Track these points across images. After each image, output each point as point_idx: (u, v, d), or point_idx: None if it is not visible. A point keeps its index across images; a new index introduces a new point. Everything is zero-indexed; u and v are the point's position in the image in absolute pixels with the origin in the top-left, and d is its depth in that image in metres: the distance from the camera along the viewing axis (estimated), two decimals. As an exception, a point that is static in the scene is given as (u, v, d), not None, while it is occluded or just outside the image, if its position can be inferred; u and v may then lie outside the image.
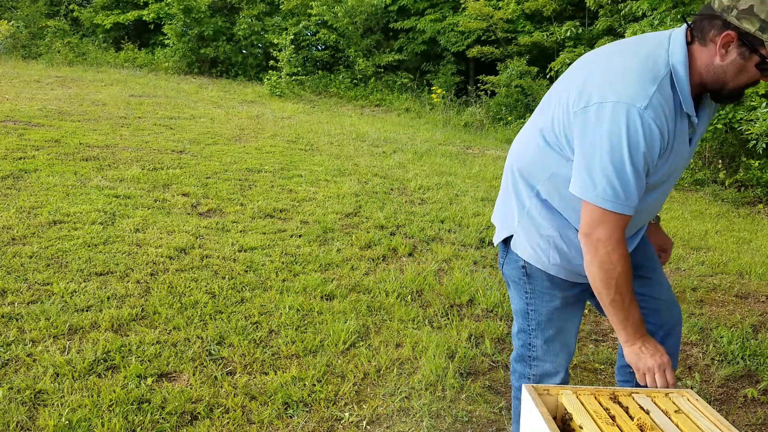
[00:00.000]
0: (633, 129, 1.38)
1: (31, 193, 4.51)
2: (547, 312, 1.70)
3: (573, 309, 1.73)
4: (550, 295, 1.69)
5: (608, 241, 1.45)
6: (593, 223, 1.46)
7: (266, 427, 2.17)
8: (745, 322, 3.33)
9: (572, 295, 1.71)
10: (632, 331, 1.53)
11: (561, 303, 1.70)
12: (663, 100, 1.40)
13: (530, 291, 1.71)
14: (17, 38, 15.54)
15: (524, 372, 1.79)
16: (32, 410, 2.13)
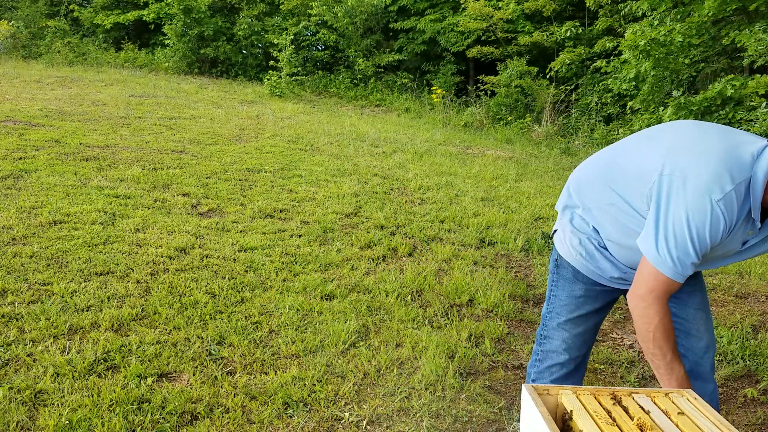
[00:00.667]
0: (711, 214, 1.48)
1: (32, 193, 4.51)
2: (565, 297, 1.85)
3: (593, 302, 1.84)
4: (572, 284, 1.84)
5: (648, 295, 1.57)
6: (644, 281, 1.58)
7: (266, 427, 2.17)
8: (745, 322, 3.33)
9: (595, 289, 1.82)
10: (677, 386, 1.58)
11: (581, 293, 1.83)
12: (735, 200, 1.49)
13: (556, 279, 1.88)
14: (17, 38, 15.54)
15: (535, 349, 1.95)
16: (32, 410, 2.13)
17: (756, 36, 6.13)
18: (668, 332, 1.58)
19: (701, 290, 1.91)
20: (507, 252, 4.30)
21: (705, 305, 1.91)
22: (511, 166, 7.54)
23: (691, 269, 1.55)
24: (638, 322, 1.60)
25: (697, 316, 1.88)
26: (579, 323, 1.87)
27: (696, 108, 6.57)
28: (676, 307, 1.87)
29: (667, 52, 7.15)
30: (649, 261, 1.56)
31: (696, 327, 1.88)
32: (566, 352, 1.89)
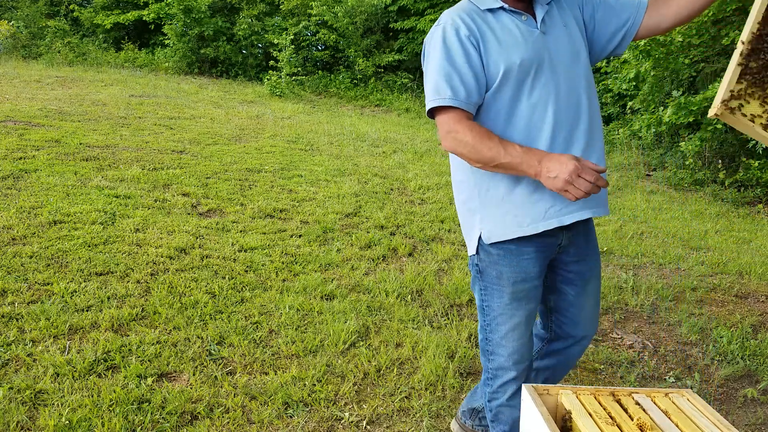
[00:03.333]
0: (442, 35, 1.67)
1: (32, 193, 4.51)
2: (498, 307, 1.76)
3: (523, 304, 1.76)
4: (498, 291, 1.75)
5: (449, 134, 1.62)
6: (439, 130, 1.65)
7: (266, 427, 2.17)
8: (745, 321, 3.33)
9: (520, 290, 1.74)
10: (529, 162, 1.54)
11: (509, 298, 1.74)
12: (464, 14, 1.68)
13: (483, 288, 1.79)
14: (17, 38, 15.54)
15: (485, 365, 1.86)
16: (32, 410, 2.13)
17: (756, 36, 6.12)
18: (484, 134, 1.58)
19: (598, 279, 1.92)
20: (507, 252, 4.29)
21: (598, 294, 1.93)
22: (511, 166, 7.53)
23: (463, 90, 1.61)
24: (461, 150, 1.61)
25: (589, 305, 1.90)
26: (519, 331, 1.78)
27: (696, 108, 6.57)
28: (573, 296, 1.87)
29: (667, 52, 7.15)
30: (428, 108, 1.66)
31: (585, 316, 1.90)
32: (513, 363, 1.80)
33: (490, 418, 1.87)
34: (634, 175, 7.58)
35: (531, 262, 1.73)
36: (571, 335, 1.92)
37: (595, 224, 5.15)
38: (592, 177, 1.47)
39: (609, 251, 4.45)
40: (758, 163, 6.53)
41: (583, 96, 1.73)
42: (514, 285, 1.74)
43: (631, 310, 3.46)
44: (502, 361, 1.79)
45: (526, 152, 1.54)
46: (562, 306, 1.89)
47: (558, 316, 1.91)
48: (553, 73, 1.69)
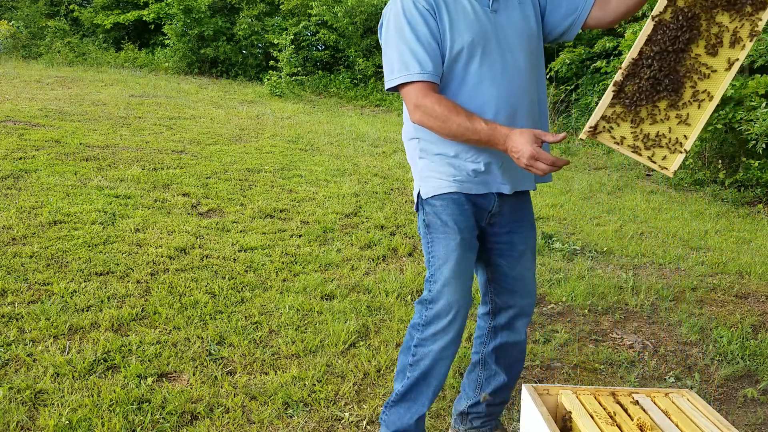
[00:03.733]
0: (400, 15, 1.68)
1: (32, 193, 4.51)
2: (443, 254, 1.80)
3: (465, 251, 1.81)
4: (444, 237, 1.79)
5: (417, 107, 1.66)
6: (407, 104, 1.70)
7: (266, 427, 2.17)
8: (745, 322, 3.33)
9: (463, 239, 1.79)
10: (496, 140, 1.62)
11: (455, 244, 1.79)
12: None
13: (430, 240, 1.83)
14: (17, 38, 15.54)
15: (421, 313, 1.87)
16: (32, 410, 2.13)
17: (756, 36, 6.12)
18: (452, 108, 1.63)
19: (532, 251, 1.97)
20: (507, 252, 4.29)
21: (533, 265, 1.99)
22: (511, 166, 7.53)
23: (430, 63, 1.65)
24: (430, 123, 1.66)
25: (526, 276, 1.96)
26: (463, 275, 1.82)
27: (696, 108, 6.56)
28: (508, 267, 1.93)
29: (667, 52, 7.13)
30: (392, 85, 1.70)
31: (522, 286, 1.96)
32: (453, 305, 1.82)
33: (409, 362, 1.88)
34: (634, 175, 7.58)
35: (468, 213, 1.81)
36: (510, 304, 1.97)
37: (596, 224, 5.15)
38: (548, 159, 1.55)
39: (609, 251, 4.45)
40: (758, 163, 6.52)
41: (530, 78, 1.78)
42: (460, 232, 1.79)
43: (631, 310, 3.46)
44: (440, 309, 1.82)
45: (492, 130, 1.61)
46: (498, 277, 1.95)
47: (495, 287, 1.98)
48: (500, 54, 1.72)
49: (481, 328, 2.07)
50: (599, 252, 4.41)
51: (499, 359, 2.04)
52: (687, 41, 1.56)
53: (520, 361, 2.07)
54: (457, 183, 1.78)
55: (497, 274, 1.96)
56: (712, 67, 1.57)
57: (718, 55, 1.57)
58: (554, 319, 3.27)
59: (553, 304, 3.45)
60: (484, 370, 2.07)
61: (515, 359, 2.05)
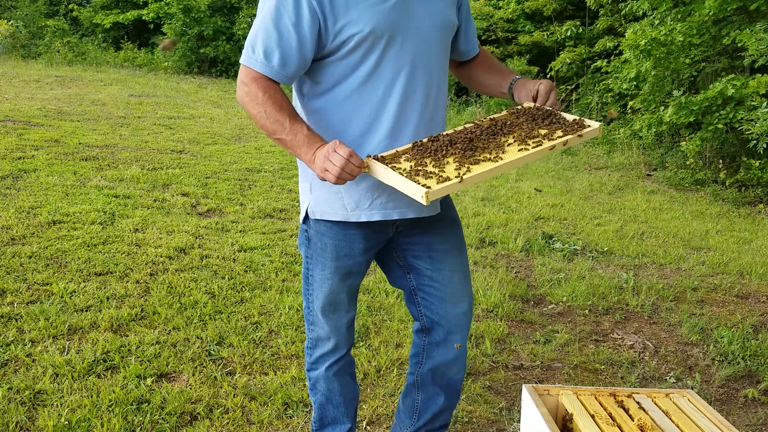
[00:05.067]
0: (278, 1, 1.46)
1: (31, 193, 4.50)
2: (320, 279, 1.68)
3: (344, 280, 1.67)
4: (322, 263, 1.66)
5: (243, 83, 1.49)
6: (239, 75, 1.52)
7: (266, 427, 2.16)
8: (746, 322, 3.32)
9: (343, 266, 1.65)
10: (307, 148, 1.44)
11: (330, 272, 1.65)
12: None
13: (309, 256, 1.69)
14: (17, 38, 15.54)
15: (306, 333, 1.80)
16: (32, 410, 2.13)
17: (757, 35, 6.12)
18: (278, 102, 1.46)
19: (459, 249, 1.76)
20: (507, 252, 4.29)
21: (463, 265, 1.76)
22: (511, 165, 7.52)
23: (276, 57, 1.45)
24: (249, 107, 1.48)
25: (454, 278, 1.73)
26: (339, 304, 1.70)
27: (697, 108, 6.56)
28: (431, 270, 1.71)
29: (668, 51, 7.14)
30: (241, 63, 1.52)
31: (452, 291, 1.73)
32: (333, 334, 1.73)
33: (309, 386, 1.84)
34: (634, 175, 7.57)
35: (358, 238, 1.63)
36: (442, 315, 1.74)
37: (597, 224, 5.14)
38: (344, 152, 1.37)
39: (610, 251, 4.44)
40: (759, 163, 6.52)
41: (439, 76, 1.61)
42: (338, 260, 1.64)
43: (631, 311, 3.45)
44: (321, 333, 1.73)
45: (310, 138, 1.44)
46: (423, 284, 1.74)
47: (423, 296, 1.75)
48: (408, 46, 1.51)
49: (416, 346, 1.85)
50: (600, 252, 4.41)
51: (436, 379, 1.82)
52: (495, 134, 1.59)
53: (460, 379, 1.85)
54: (344, 211, 1.59)
55: (421, 280, 1.74)
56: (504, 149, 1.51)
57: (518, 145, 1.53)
58: (555, 319, 3.27)
59: (553, 305, 3.44)
60: (421, 392, 1.85)
61: (455, 378, 1.83)
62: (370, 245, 1.66)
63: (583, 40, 11.57)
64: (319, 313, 1.71)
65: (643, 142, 8.67)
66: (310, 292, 1.72)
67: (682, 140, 7.60)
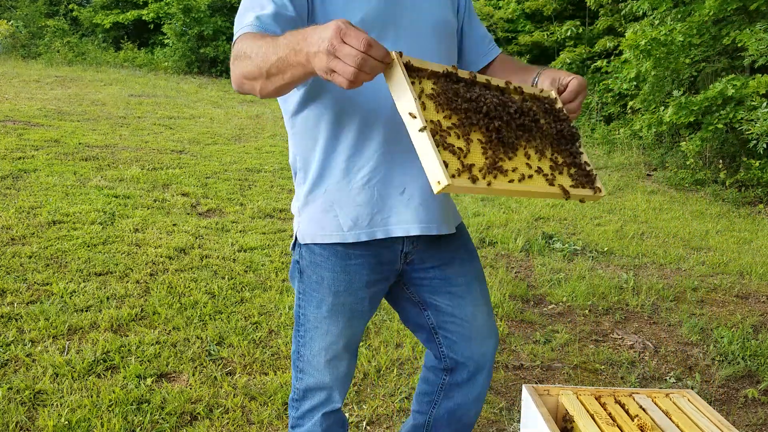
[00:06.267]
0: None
1: (31, 193, 4.50)
2: (314, 319, 1.42)
3: (343, 321, 1.42)
4: (317, 299, 1.41)
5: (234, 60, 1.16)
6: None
7: (266, 427, 2.16)
8: (746, 322, 3.32)
9: (342, 303, 1.40)
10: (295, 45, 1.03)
11: (327, 311, 1.40)
12: None
13: (301, 291, 1.44)
14: (17, 38, 15.54)
15: (293, 382, 1.51)
16: (32, 410, 2.13)
17: (757, 35, 6.13)
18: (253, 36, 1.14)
19: (480, 282, 1.56)
20: (507, 252, 4.29)
21: (486, 299, 1.56)
22: (511, 165, 7.53)
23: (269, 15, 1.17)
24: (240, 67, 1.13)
25: (478, 314, 1.53)
26: (335, 348, 1.43)
27: (697, 108, 6.57)
28: (451, 306, 1.50)
29: (668, 51, 7.14)
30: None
31: (477, 329, 1.53)
32: (326, 385, 1.46)
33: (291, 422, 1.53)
34: (634, 175, 7.57)
35: (360, 268, 1.39)
36: (468, 356, 1.54)
37: (597, 224, 5.14)
38: (361, 42, 0.95)
39: (609, 251, 4.44)
40: (759, 163, 6.52)
41: None
42: (336, 295, 1.39)
43: (631, 311, 3.45)
44: (312, 382, 1.46)
45: (293, 35, 1.05)
46: (442, 321, 1.52)
47: (445, 335, 1.54)
48: (401, 44, 1.30)
49: (430, 384, 1.62)
50: (600, 252, 4.41)
51: (452, 423, 1.62)
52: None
53: (475, 421, 1.65)
54: (340, 231, 1.36)
55: (442, 318, 1.52)
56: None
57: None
58: (555, 319, 3.27)
59: (553, 305, 3.44)
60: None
61: (471, 421, 1.63)
62: (374, 278, 1.41)
63: (583, 40, 11.58)
64: (311, 360, 1.45)
65: (643, 142, 8.67)
66: (302, 334, 1.46)
67: (682, 140, 7.61)
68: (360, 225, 1.35)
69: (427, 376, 1.64)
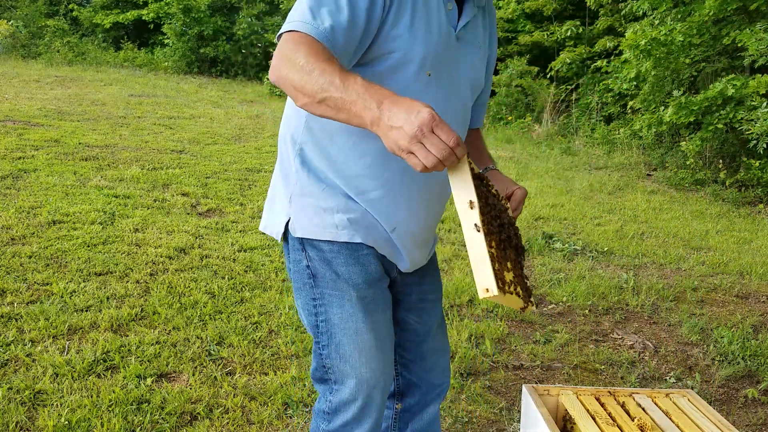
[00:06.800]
0: None
1: (31, 193, 4.50)
2: (339, 320, 1.31)
3: (372, 314, 1.33)
4: (339, 297, 1.30)
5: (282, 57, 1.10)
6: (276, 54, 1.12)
7: (266, 427, 2.16)
8: (746, 322, 3.32)
9: (366, 296, 1.32)
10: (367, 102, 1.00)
11: (352, 306, 1.30)
12: None
13: (318, 296, 1.32)
14: (17, 38, 15.54)
15: (325, 396, 1.40)
16: (32, 410, 2.13)
17: (757, 35, 6.12)
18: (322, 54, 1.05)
19: (440, 301, 1.56)
20: (507, 252, 4.29)
21: (442, 316, 1.56)
22: (512, 165, 7.53)
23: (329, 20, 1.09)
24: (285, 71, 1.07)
25: (439, 332, 1.53)
26: (368, 348, 1.32)
27: (697, 108, 6.57)
28: (418, 323, 1.48)
29: (668, 51, 7.14)
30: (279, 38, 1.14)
31: (434, 345, 1.51)
32: (360, 393, 1.34)
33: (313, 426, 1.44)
34: (634, 175, 7.57)
35: (372, 258, 1.31)
36: (421, 375, 1.50)
37: (597, 224, 5.14)
38: (451, 138, 0.98)
39: (610, 251, 4.44)
40: (759, 162, 6.52)
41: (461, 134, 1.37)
42: (357, 288, 1.30)
43: (631, 311, 3.45)
44: (348, 394, 1.34)
45: (368, 88, 1.01)
46: (404, 340, 1.48)
47: (402, 353, 1.50)
48: (448, 89, 1.28)
49: (384, 419, 1.58)
50: (600, 252, 4.41)
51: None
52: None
53: None
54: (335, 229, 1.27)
55: (404, 336, 1.48)
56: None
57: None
58: (555, 319, 3.27)
59: (553, 305, 3.44)
60: None
61: None
62: (382, 273, 1.35)
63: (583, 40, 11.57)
64: (344, 368, 1.33)
65: (643, 142, 8.67)
66: (326, 344, 1.34)
67: (682, 140, 7.60)
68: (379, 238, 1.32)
69: None
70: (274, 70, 1.11)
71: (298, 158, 1.30)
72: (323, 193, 1.27)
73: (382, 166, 1.26)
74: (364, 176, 1.27)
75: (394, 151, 1.00)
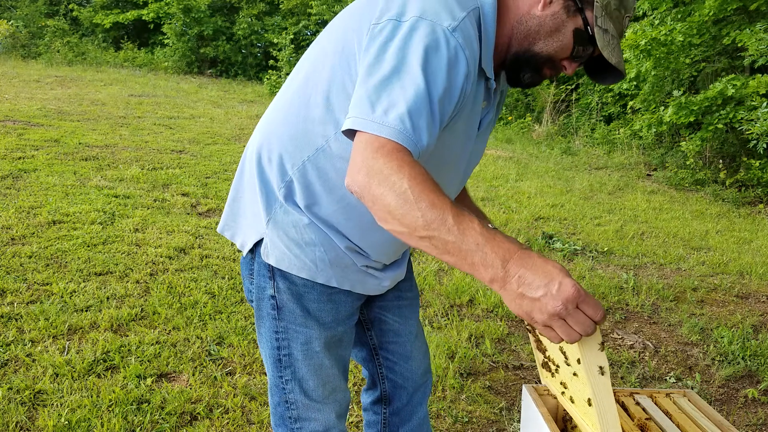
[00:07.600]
0: (446, 48, 0.99)
1: (31, 193, 4.50)
2: (304, 357, 1.25)
3: (335, 351, 1.30)
4: (305, 335, 1.24)
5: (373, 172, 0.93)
6: (359, 154, 0.95)
7: (266, 427, 2.16)
8: (746, 322, 3.32)
9: (333, 335, 1.27)
10: (487, 257, 0.89)
11: (319, 345, 1.25)
12: (472, 32, 1.03)
13: (282, 329, 1.24)
14: (17, 38, 15.55)
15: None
16: (31, 410, 2.13)
17: (757, 35, 6.13)
18: (426, 180, 0.92)
19: (417, 300, 1.53)
20: (507, 252, 4.29)
21: (420, 324, 1.56)
22: (512, 165, 7.53)
23: (426, 136, 0.96)
24: (378, 190, 0.92)
25: (418, 331, 1.51)
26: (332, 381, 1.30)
27: (697, 107, 6.57)
28: (399, 323, 1.45)
29: (668, 51, 7.14)
30: (365, 130, 0.95)
31: (417, 346, 1.50)
32: (331, 424, 1.33)
33: None
34: (634, 175, 7.57)
35: (344, 298, 1.26)
36: (407, 376, 1.49)
37: (597, 224, 5.14)
38: (598, 313, 0.93)
39: (610, 251, 4.44)
40: (759, 162, 6.52)
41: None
42: (327, 327, 1.25)
43: (631, 311, 3.45)
44: (316, 427, 1.30)
45: (488, 239, 0.90)
46: (387, 340, 1.46)
47: (385, 355, 1.48)
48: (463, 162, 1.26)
49: (372, 425, 1.56)
50: (600, 252, 4.41)
51: None
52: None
53: None
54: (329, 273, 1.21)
55: (385, 337, 1.46)
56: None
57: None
58: (554, 319, 3.27)
59: (553, 304, 3.44)
60: None
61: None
62: (355, 308, 1.31)
63: (583, 40, 11.56)
64: (308, 402, 1.29)
65: (643, 142, 8.67)
66: (289, 378, 1.27)
67: (682, 140, 7.61)
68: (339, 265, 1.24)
69: (369, 419, 1.57)
70: (359, 183, 0.95)
71: (284, 190, 1.17)
72: (306, 228, 1.17)
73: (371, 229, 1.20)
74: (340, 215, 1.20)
75: (523, 317, 0.91)
